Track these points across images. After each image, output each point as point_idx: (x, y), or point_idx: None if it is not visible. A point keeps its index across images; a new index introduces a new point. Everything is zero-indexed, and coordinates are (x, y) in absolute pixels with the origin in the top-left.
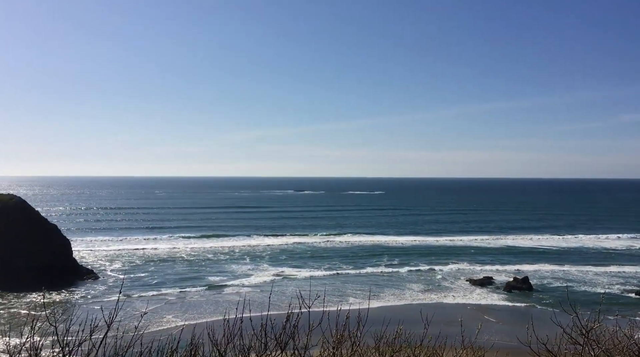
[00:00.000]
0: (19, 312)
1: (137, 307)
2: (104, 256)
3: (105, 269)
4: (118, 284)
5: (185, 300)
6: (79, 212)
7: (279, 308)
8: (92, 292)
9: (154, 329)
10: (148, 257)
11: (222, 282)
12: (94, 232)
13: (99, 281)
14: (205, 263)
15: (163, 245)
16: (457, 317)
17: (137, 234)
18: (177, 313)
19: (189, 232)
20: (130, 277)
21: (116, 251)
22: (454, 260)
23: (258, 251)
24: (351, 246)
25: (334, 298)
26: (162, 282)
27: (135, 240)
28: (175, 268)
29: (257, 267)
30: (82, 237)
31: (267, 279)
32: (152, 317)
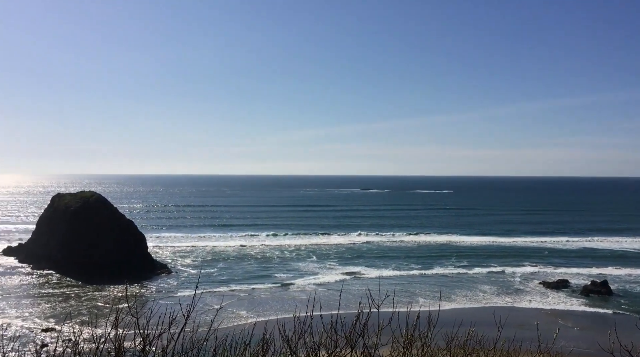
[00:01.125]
0: (99, 304)
1: (208, 302)
2: (175, 252)
3: (177, 264)
4: (190, 279)
5: (254, 296)
6: (152, 209)
7: (347, 307)
8: (166, 286)
9: (226, 325)
10: (217, 254)
11: (289, 280)
12: (167, 228)
13: (172, 275)
14: (272, 260)
15: (231, 242)
16: (531, 321)
17: (207, 231)
18: (247, 309)
19: (256, 229)
20: (201, 272)
21: (187, 246)
22: (526, 262)
23: (324, 249)
24: (418, 246)
25: (402, 298)
26: (231, 278)
27: (206, 237)
28: (243, 265)
29: (323, 265)
30: (156, 233)
31: (335, 278)
32: (224, 312)
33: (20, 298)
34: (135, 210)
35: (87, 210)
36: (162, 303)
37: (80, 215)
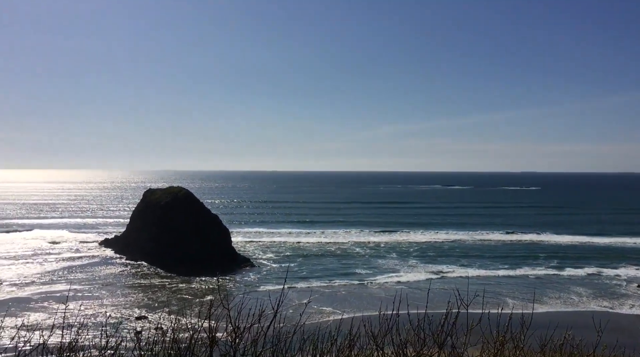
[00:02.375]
0: (187, 295)
1: (290, 297)
2: (257, 246)
3: (259, 258)
4: (271, 273)
5: (336, 293)
6: (235, 204)
7: (431, 306)
8: (250, 280)
9: (310, 321)
10: (297, 249)
11: (370, 277)
12: (249, 223)
13: (255, 269)
14: (352, 257)
15: (311, 238)
16: (634, 328)
17: (287, 227)
18: (331, 305)
19: (336, 226)
20: (282, 267)
21: (268, 241)
22: (625, 263)
23: (405, 247)
24: (504, 245)
25: (489, 299)
26: (312, 274)
27: (286, 233)
28: (323, 261)
29: (404, 263)
30: (238, 227)
31: (418, 276)
32: (307, 307)
33: (116, 287)
34: (219, 205)
35: (176, 204)
36: (250, 296)
37: (169, 209)
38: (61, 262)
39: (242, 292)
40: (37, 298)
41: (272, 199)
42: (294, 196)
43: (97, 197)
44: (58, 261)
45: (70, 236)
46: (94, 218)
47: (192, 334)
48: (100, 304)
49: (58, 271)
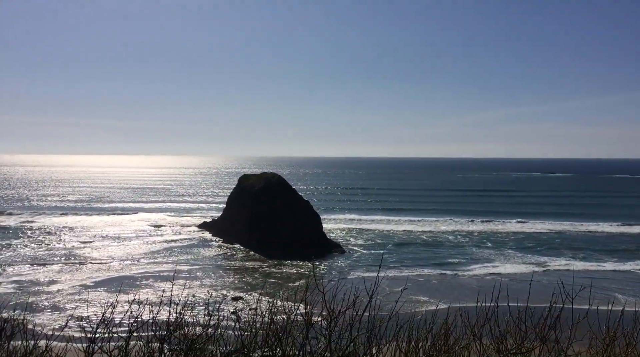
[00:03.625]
0: (280, 278)
1: (381, 284)
2: (348, 232)
3: (349, 244)
4: (361, 259)
5: (429, 281)
6: (326, 191)
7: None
8: (341, 265)
9: (405, 308)
10: (387, 236)
11: (464, 266)
12: (339, 209)
13: (345, 255)
14: (443, 245)
15: (401, 225)
16: None
17: (377, 214)
18: (423, 293)
19: (426, 213)
20: (372, 253)
21: (358, 228)
22: None
23: (500, 236)
24: (610, 236)
25: (596, 293)
26: (401, 261)
27: (377, 220)
28: (413, 248)
29: (500, 252)
30: (329, 213)
31: (516, 267)
32: (398, 295)
33: (213, 269)
34: (310, 191)
35: (269, 190)
36: (343, 281)
37: (263, 194)
38: (163, 243)
39: (334, 277)
40: (145, 276)
41: (363, 185)
42: (385, 183)
43: (194, 182)
44: (160, 243)
45: (170, 219)
46: (192, 203)
47: (288, 316)
48: (199, 284)
49: (161, 251)
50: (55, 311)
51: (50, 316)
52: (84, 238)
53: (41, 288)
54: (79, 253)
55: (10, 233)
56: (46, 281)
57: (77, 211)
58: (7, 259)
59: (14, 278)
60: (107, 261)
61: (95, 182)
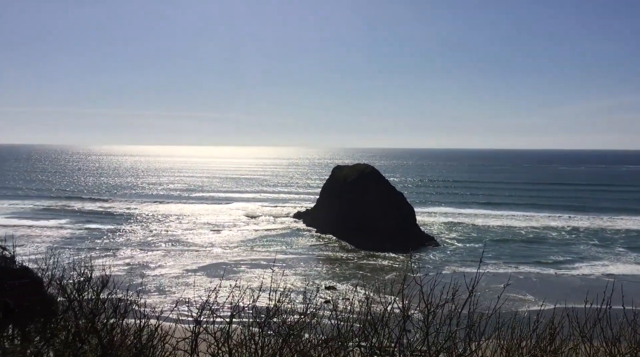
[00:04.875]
0: (373, 270)
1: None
2: (442, 225)
3: (443, 237)
4: (456, 253)
5: (529, 279)
6: (421, 183)
7: None
8: (435, 259)
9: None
10: (483, 230)
11: (568, 264)
12: (434, 202)
13: (439, 248)
14: (545, 241)
15: (499, 220)
16: None
17: (473, 207)
18: (528, 292)
19: (526, 208)
20: (467, 247)
21: (454, 221)
22: None
23: (609, 233)
24: None
25: None
26: (499, 257)
27: (473, 214)
28: (512, 244)
29: (609, 251)
30: (423, 206)
31: (630, 267)
32: (500, 292)
33: (307, 258)
34: (404, 183)
35: (362, 181)
36: (438, 275)
37: (356, 185)
38: (259, 232)
39: (430, 271)
40: (242, 263)
41: (458, 177)
42: (480, 175)
43: (288, 172)
44: (256, 231)
45: (265, 208)
46: (286, 193)
47: (385, 307)
48: (294, 273)
49: (256, 239)
50: (162, 292)
51: (157, 297)
52: (185, 225)
53: (149, 271)
54: (181, 239)
55: (120, 219)
56: (153, 265)
57: (178, 199)
58: (118, 243)
59: (126, 261)
60: (206, 247)
61: (195, 172)
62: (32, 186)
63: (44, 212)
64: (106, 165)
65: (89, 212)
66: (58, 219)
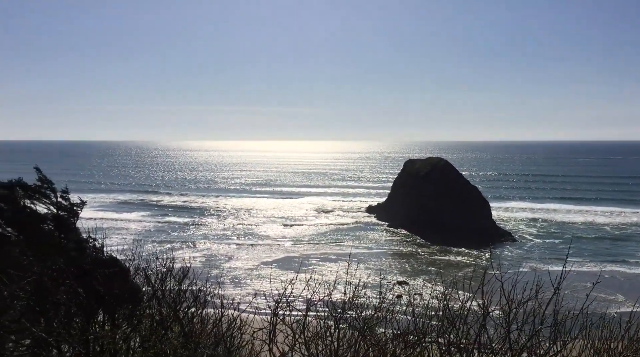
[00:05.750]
0: (446, 265)
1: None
2: (519, 221)
3: (521, 233)
4: (535, 249)
5: (614, 277)
6: (497, 177)
7: None
8: (511, 255)
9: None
10: (563, 226)
11: None
12: (510, 196)
13: (516, 244)
14: (634, 240)
15: (581, 216)
16: None
17: (554, 202)
18: (611, 291)
19: (612, 203)
20: (546, 243)
21: (532, 217)
22: None
23: None
24: None
25: None
26: (582, 254)
27: (552, 209)
28: (596, 242)
29: None
30: (499, 200)
31: None
32: (584, 291)
33: (379, 252)
34: (478, 177)
35: (435, 175)
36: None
37: (429, 179)
38: (330, 226)
39: (506, 268)
40: (315, 257)
41: (536, 171)
42: (559, 168)
43: (359, 167)
44: (327, 225)
45: (336, 203)
46: (357, 187)
47: (463, 303)
48: (366, 267)
49: (328, 233)
50: (237, 284)
51: (233, 288)
52: (258, 219)
53: (224, 263)
54: (254, 232)
55: (196, 212)
56: (228, 257)
57: (251, 194)
58: (195, 236)
59: (204, 252)
60: (279, 241)
61: (267, 166)
62: (115, 180)
63: (125, 205)
64: (183, 161)
65: (167, 205)
66: (139, 212)
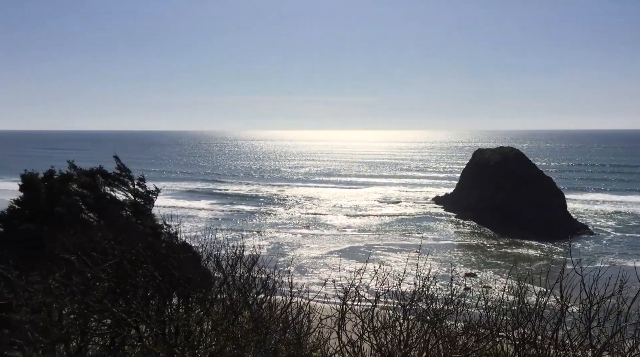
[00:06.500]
0: (517, 258)
1: None
2: (597, 214)
3: (598, 226)
4: (615, 243)
5: None
6: (571, 167)
7: None
8: (588, 249)
9: None
10: None
11: None
12: (586, 188)
13: (593, 237)
14: None
15: None
16: None
17: (634, 194)
18: None
19: None
20: (626, 237)
21: (612, 210)
22: None
23: None
24: None
25: None
26: None
27: (635, 202)
28: None
29: None
30: (575, 193)
31: None
32: None
33: (446, 243)
34: (552, 167)
35: (506, 165)
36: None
37: (499, 169)
38: (396, 216)
39: (583, 262)
40: (380, 246)
41: (615, 161)
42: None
43: (425, 156)
44: (393, 215)
45: (402, 193)
46: (424, 177)
47: (537, 297)
48: (433, 258)
49: (393, 223)
50: (304, 272)
51: (300, 276)
52: (323, 208)
53: (291, 251)
54: (320, 222)
55: (263, 201)
56: (294, 245)
57: (316, 183)
58: (262, 224)
59: (270, 240)
60: (344, 230)
61: (333, 156)
62: (184, 169)
63: (194, 193)
64: (249, 150)
65: (234, 194)
66: (207, 200)
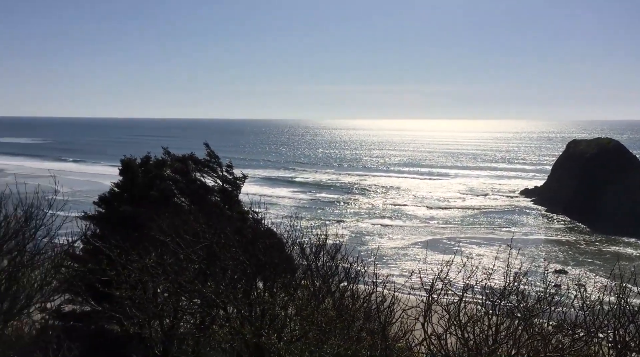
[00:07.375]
0: (613, 256)
1: None
2: None
3: None
4: None
5: None
6: None
7: None
8: None
9: None
10: None
11: None
12: None
13: None
14: None
15: None
16: None
17: None
18: None
19: None
20: None
21: None
22: None
23: None
24: None
25: None
26: None
27: None
28: None
29: None
30: None
31: None
32: None
33: (535, 237)
34: None
35: (603, 157)
36: None
37: (595, 162)
38: (481, 208)
39: None
40: (465, 239)
41: None
42: None
43: (513, 147)
44: (479, 208)
45: (487, 185)
46: (511, 170)
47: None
48: (521, 253)
49: (478, 215)
50: (385, 263)
51: (381, 266)
52: (404, 199)
53: (372, 241)
54: (402, 212)
55: (345, 190)
56: (375, 235)
57: (398, 173)
58: (344, 213)
59: (352, 229)
60: (426, 221)
61: (416, 146)
62: (267, 157)
63: (277, 181)
64: (330, 139)
65: (316, 182)
66: (289, 188)
